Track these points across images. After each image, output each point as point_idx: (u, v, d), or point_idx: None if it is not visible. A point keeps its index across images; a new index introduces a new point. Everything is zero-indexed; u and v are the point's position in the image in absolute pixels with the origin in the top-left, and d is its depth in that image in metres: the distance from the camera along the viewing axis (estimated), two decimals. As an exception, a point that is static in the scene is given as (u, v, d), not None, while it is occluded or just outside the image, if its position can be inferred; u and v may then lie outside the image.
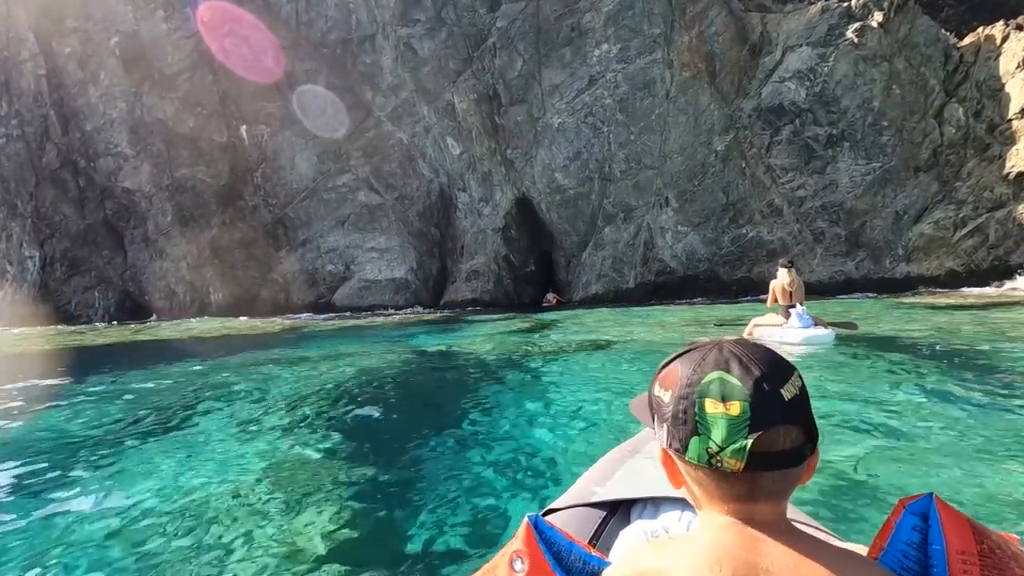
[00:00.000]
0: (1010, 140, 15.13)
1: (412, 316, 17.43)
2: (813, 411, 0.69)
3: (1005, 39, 15.53)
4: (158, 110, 21.04)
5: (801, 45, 16.92)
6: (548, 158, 19.12)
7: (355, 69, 21.32)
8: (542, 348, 8.22)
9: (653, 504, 1.26)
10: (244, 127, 21.25)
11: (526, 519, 0.75)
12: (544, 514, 1.23)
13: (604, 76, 18.53)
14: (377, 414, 5.18)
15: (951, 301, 12.48)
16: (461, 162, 20.08)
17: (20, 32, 21.03)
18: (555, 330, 10.78)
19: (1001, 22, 15.93)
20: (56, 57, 21.47)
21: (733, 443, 0.64)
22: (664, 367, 0.73)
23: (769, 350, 0.71)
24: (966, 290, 14.71)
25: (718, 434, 0.65)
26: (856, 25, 16.19)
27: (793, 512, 1.10)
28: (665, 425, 0.70)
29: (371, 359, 8.14)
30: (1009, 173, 15.04)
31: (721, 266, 17.84)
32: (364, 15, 21.17)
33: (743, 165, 17.68)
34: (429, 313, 18.24)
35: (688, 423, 0.67)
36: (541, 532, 0.74)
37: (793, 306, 7.33)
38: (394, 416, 5.22)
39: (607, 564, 0.75)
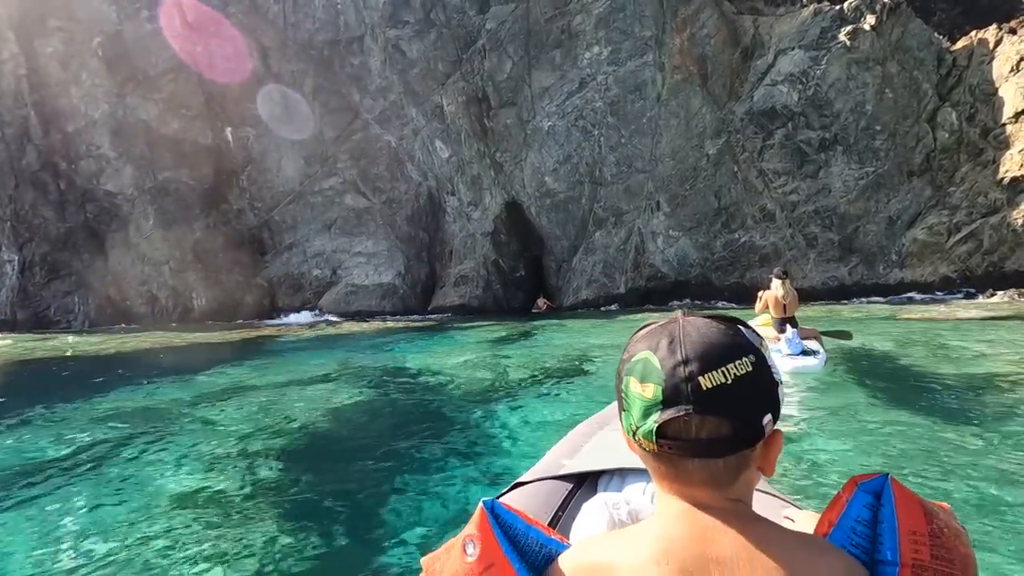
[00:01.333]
0: (1004, 145, 14.94)
1: (393, 324, 17.03)
2: (776, 402, 0.66)
3: (998, 43, 15.37)
4: (141, 111, 20.63)
5: (793, 48, 16.73)
6: (538, 161, 18.83)
7: (343, 71, 21.01)
8: (517, 362, 7.88)
9: (620, 475, 1.27)
10: (229, 129, 20.87)
11: (480, 503, 0.75)
12: (512, 487, 1.23)
13: (595, 79, 18.29)
14: (325, 439, 4.83)
15: (940, 316, 12.24)
16: (450, 165, 19.77)
17: (1, 31, 20.60)
18: (536, 340, 10.44)
19: (994, 26, 15.79)
20: (37, 57, 21.02)
21: (644, 424, 0.66)
22: (631, 336, 0.73)
23: (722, 330, 0.67)
24: (964, 302, 14.45)
25: (635, 413, 0.67)
26: (848, 28, 16.01)
27: (761, 486, 1.08)
28: (616, 390, 0.72)
29: (337, 373, 7.78)
30: (1003, 178, 14.85)
31: (713, 271, 17.57)
32: (352, 16, 20.87)
33: (735, 169, 17.45)
34: (414, 320, 17.86)
35: (619, 397, 0.69)
36: (497, 516, 0.74)
37: (788, 321, 6.85)
38: (345, 441, 4.87)
39: (565, 547, 0.74)
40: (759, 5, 18.56)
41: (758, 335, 0.70)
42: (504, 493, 1.23)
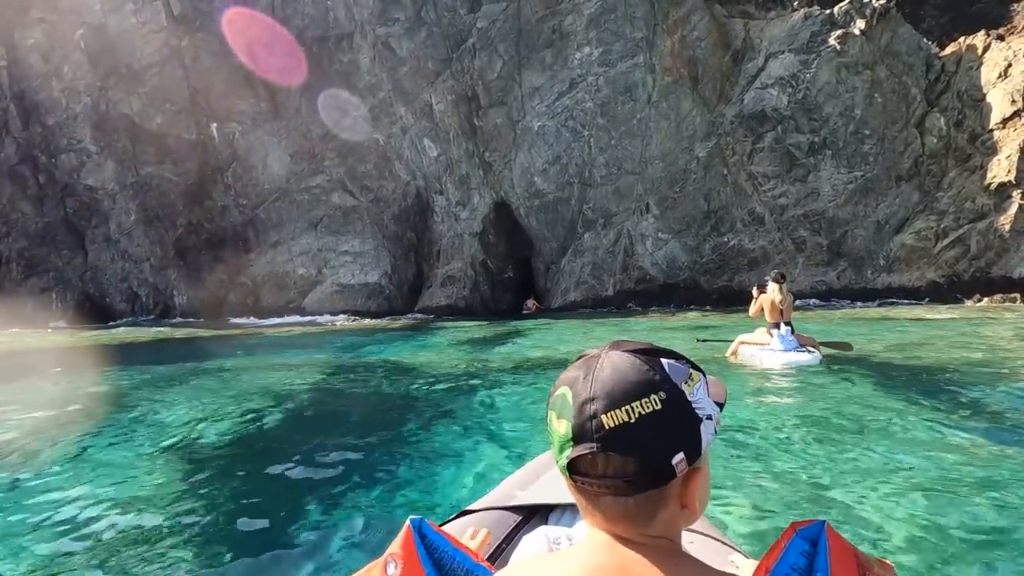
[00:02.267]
0: (992, 150, 14.97)
1: (373, 323, 16.74)
2: (693, 440, 0.64)
3: (986, 49, 15.43)
4: (124, 105, 20.26)
5: (784, 52, 16.71)
6: (527, 162, 18.67)
7: (331, 68, 20.75)
8: (494, 367, 7.67)
9: (571, 511, 1.24)
10: (215, 125, 20.54)
11: (407, 522, 0.72)
12: (459, 515, 1.20)
13: (585, 79, 18.17)
14: (260, 446, 4.59)
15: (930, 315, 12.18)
16: (438, 164, 19.56)
17: (-20, 22, 20.19)
18: (517, 344, 10.23)
19: (982, 32, 15.85)
20: (18, 48, 20.62)
21: (559, 459, 0.67)
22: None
23: (633, 367, 0.65)
24: (945, 307, 14.43)
25: (555, 448, 0.68)
26: (839, 32, 16.01)
27: (702, 524, 1.07)
28: None
29: (303, 373, 7.53)
30: (990, 183, 14.87)
31: (702, 274, 17.47)
32: (342, 13, 20.64)
33: (725, 172, 17.38)
34: (398, 320, 17.58)
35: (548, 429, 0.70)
36: (424, 536, 0.72)
37: (781, 324, 6.61)
38: (281, 448, 4.61)
39: (491, 575, 0.72)
40: (750, 8, 18.54)
41: (688, 370, 0.68)
42: (449, 520, 1.19)
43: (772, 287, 6.76)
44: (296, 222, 20.47)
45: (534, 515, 1.24)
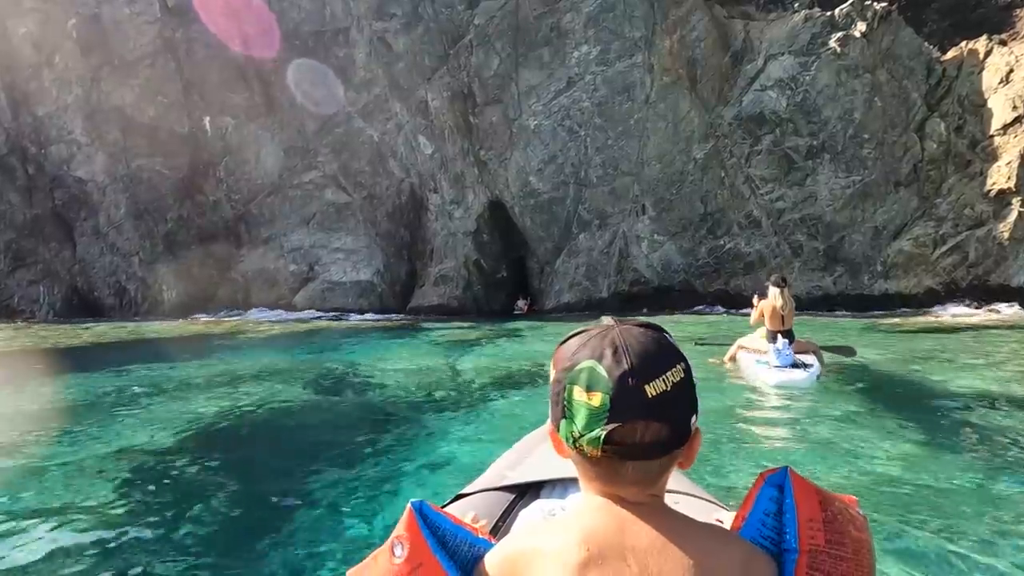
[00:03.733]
0: (992, 157, 14.79)
1: (361, 322, 16.47)
2: (697, 402, 0.70)
3: (988, 54, 15.24)
4: (116, 97, 20.01)
5: (783, 53, 16.51)
6: (523, 161, 18.45)
7: (326, 62, 20.50)
8: (482, 366, 7.45)
9: (562, 485, 1.27)
10: (207, 118, 20.29)
11: (409, 505, 0.75)
12: (454, 499, 1.21)
13: (583, 78, 17.96)
14: (247, 441, 4.38)
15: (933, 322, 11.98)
16: (433, 162, 19.33)
17: (-29, 10, 19.92)
18: (507, 345, 10.01)
19: (984, 37, 15.67)
20: (10, 37, 20.35)
21: (590, 431, 0.67)
22: (561, 344, 0.73)
23: (657, 339, 0.70)
24: (950, 310, 14.21)
25: (580, 421, 0.68)
26: (839, 35, 15.82)
27: (682, 483, 1.13)
28: (550, 401, 0.73)
29: (282, 372, 7.30)
30: (990, 190, 14.69)
31: (697, 278, 17.27)
32: (339, 7, 20.41)
33: (722, 174, 17.18)
34: (388, 320, 17.32)
35: (559, 405, 0.70)
36: (425, 517, 0.74)
37: (785, 333, 6.15)
38: (268, 446, 4.41)
39: (493, 546, 0.75)
40: (750, 9, 18.35)
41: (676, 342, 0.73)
42: (445, 505, 1.19)
43: (773, 291, 6.35)
44: (288, 218, 20.24)
45: (527, 492, 1.26)
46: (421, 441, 4.26)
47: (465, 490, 1.27)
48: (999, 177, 14.56)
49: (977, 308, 14.18)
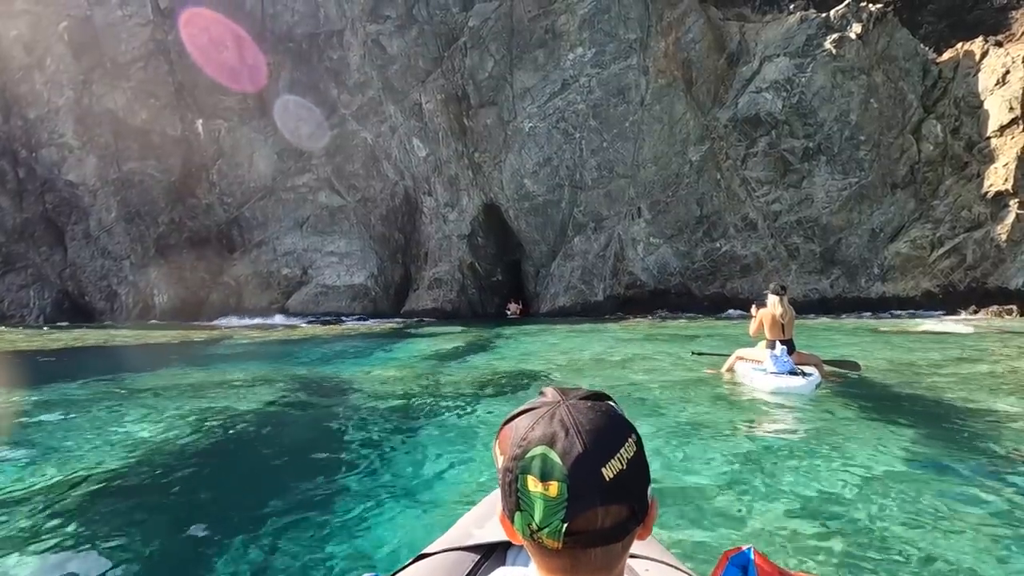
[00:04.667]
0: (988, 158, 14.68)
1: (353, 327, 16.21)
2: (649, 471, 0.68)
3: (984, 55, 15.16)
4: (108, 100, 19.87)
5: (779, 55, 16.42)
6: (517, 163, 18.32)
7: (321, 65, 20.42)
8: (468, 378, 7.27)
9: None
10: (200, 121, 20.17)
11: None
12: (416, 559, 1.15)
13: (578, 80, 17.85)
14: (198, 465, 4.20)
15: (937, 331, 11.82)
16: (427, 164, 19.20)
17: (-38, 12, 19.78)
18: (498, 353, 9.82)
19: (980, 38, 15.59)
20: (1, 40, 20.21)
21: (549, 524, 0.63)
22: (506, 423, 0.69)
23: (606, 413, 0.67)
24: (948, 317, 14.09)
25: (537, 513, 0.63)
26: (834, 36, 15.73)
27: (651, 547, 1.11)
28: (501, 490, 0.68)
29: (258, 381, 7.12)
30: (987, 192, 14.58)
31: (693, 280, 17.13)
32: (333, 10, 20.33)
33: (718, 177, 17.06)
34: (379, 324, 17.11)
35: (513, 496, 0.65)
36: None
37: (785, 344, 5.92)
38: (221, 470, 4.24)
39: None
40: (746, 11, 18.28)
41: (622, 409, 0.70)
42: (406, 566, 1.15)
43: (772, 300, 6.07)
44: (281, 221, 20.08)
45: (493, 553, 1.21)
46: (399, 461, 4.07)
47: (428, 548, 1.22)
48: (996, 179, 14.45)
49: (973, 314, 14.03)
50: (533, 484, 0.63)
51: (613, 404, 0.69)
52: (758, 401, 5.27)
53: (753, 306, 6.34)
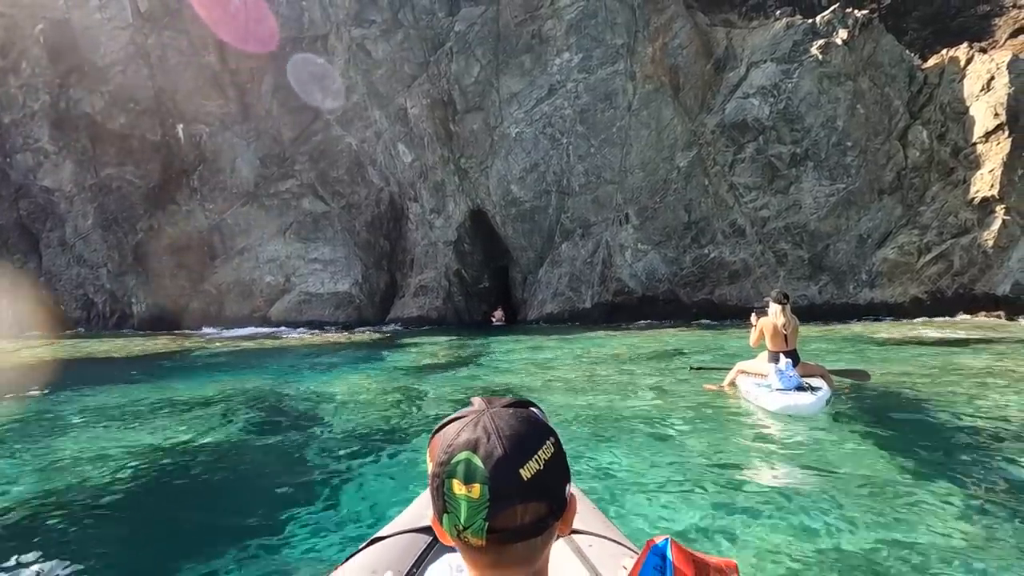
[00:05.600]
0: (975, 164, 14.69)
1: (327, 339, 15.80)
2: (569, 470, 0.73)
3: (969, 61, 15.19)
4: (85, 104, 19.42)
5: (766, 61, 16.37)
6: (504, 169, 18.11)
7: (304, 71, 20.09)
8: (444, 388, 7.01)
9: None
10: (181, 126, 19.76)
11: None
12: (370, 542, 1.20)
13: (564, 86, 17.70)
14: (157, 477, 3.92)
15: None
16: (412, 170, 18.93)
17: (-65, 14, 19.29)
18: (479, 362, 9.56)
19: (965, 44, 15.64)
20: (-26, 43, 19.72)
21: (474, 523, 0.68)
22: (436, 432, 0.74)
23: (527, 418, 0.72)
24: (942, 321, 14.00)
25: (462, 514, 0.69)
26: (820, 42, 15.71)
27: (596, 522, 1.16)
28: (431, 494, 0.73)
29: (225, 394, 6.82)
30: (974, 198, 14.57)
31: (682, 287, 16.97)
32: (317, 14, 20.04)
33: (706, 183, 16.95)
34: (363, 333, 16.76)
35: (440, 499, 0.71)
36: None
37: (789, 355, 5.57)
38: (188, 479, 3.96)
39: None
40: (732, 17, 18.26)
41: (543, 412, 0.76)
42: (360, 549, 1.16)
43: (773, 308, 5.73)
44: (264, 228, 19.70)
45: None
46: (366, 474, 3.82)
47: (382, 532, 1.23)
48: (982, 185, 14.45)
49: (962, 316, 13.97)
50: (458, 487, 0.68)
51: (535, 410, 0.75)
52: (761, 424, 4.95)
53: (753, 315, 6.03)
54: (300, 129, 19.81)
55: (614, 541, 1.13)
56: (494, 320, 18.70)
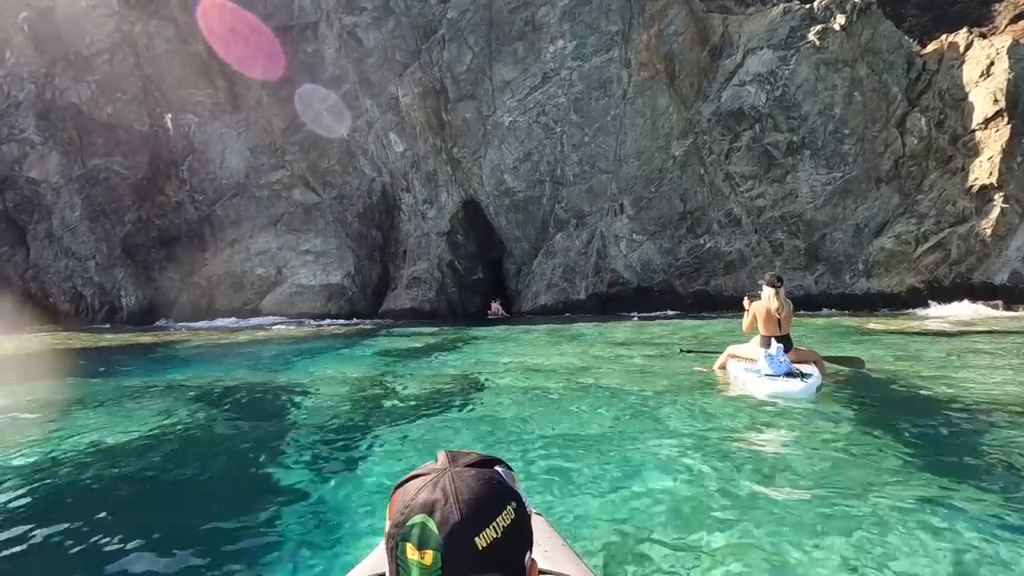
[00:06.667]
0: (973, 152, 14.49)
1: (326, 328, 15.66)
2: (531, 536, 0.70)
3: (968, 47, 14.96)
4: (72, 94, 19.10)
5: (762, 47, 16.11)
6: (497, 158, 17.86)
7: (295, 58, 19.76)
8: (425, 386, 6.82)
9: None
10: (169, 115, 19.46)
11: None
12: None
13: (558, 74, 17.43)
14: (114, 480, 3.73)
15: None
16: (405, 160, 18.67)
17: (-84, 2, 18.91)
18: (468, 356, 9.38)
19: (964, 30, 15.39)
20: (-43, 32, 19.35)
21: None
22: (398, 487, 0.72)
23: (489, 481, 0.69)
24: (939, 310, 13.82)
25: None
26: (818, 27, 15.45)
27: (567, 562, 1.10)
28: (386, 555, 0.70)
29: (194, 391, 6.63)
30: (972, 186, 14.38)
31: (677, 278, 16.79)
32: (308, 1, 19.69)
33: (701, 172, 16.73)
34: (353, 325, 16.56)
35: (394, 563, 0.68)
36: None
37: (781, 340, 5.43)
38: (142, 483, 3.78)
39: None
40: (729, 3, 17.97)
41: (511, 472, 0.72)
42: None
43: (767, 292, 5.57)
44: (255, 219, 19.45)
45: None
46: (342, 478, 3.63)
47: (352, 573, 1.18)
48: (981, 172, 14.26)
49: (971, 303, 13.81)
50: (411, 552, 0.65)
51: (500, 470, 0.71)
52: (748, 409, 4.80)
53: (746, 299, 5.86)
54: (291, 119, 19.50)
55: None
56: (490, 313, 18.49)
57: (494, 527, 0.65)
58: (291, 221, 19.36)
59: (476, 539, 0.64)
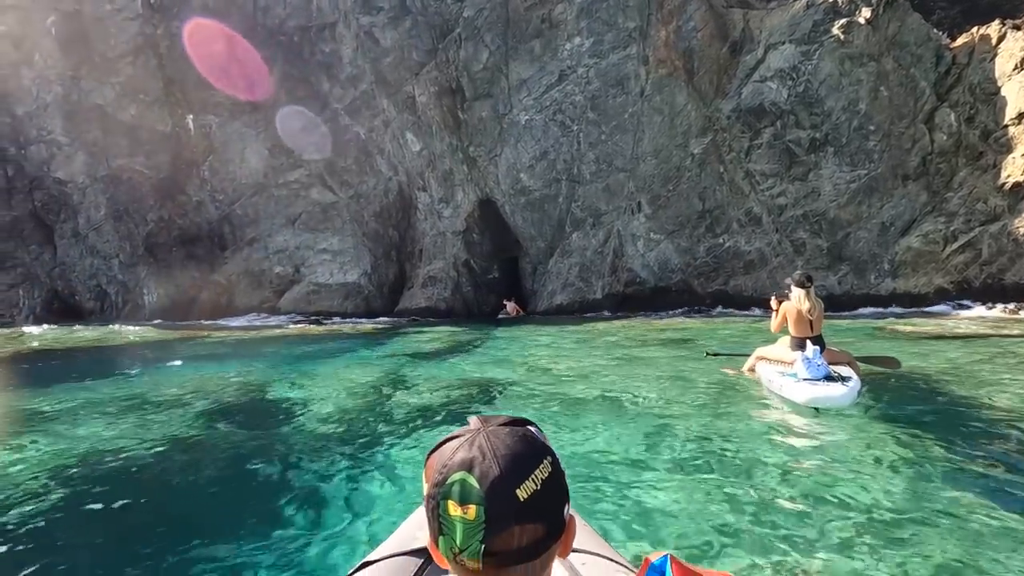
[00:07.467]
0: (1006, 148, 13.97)
1: (334, 328, 15.67)
2: (568, 490, 0.71)
3: (1001, 39, 14.43)
4: (97, 95, 19.51)
5: (784, 42, 15.74)
6: (513, 157, 17.77)
7: (312, 58, 19.96)
8: (439, 386, 6.77)
9: None
10: (190, 116, 19.77)
11: None
12: (360, 567, 1.15)
13: (575, 71, 17.28)
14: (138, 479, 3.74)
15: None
16: (421, 159, 18.69)
17: (-51, 8, 19.48)
18: (481, 356, 9.30)
19: (997, 21, 14.85)
20: (-12, 36, 19.89)
21: (470, 546, 0.67)
22: (432, 452, 0.73)
23: (523, 437, 0.70)
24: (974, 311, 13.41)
25: (458, 536, 0.67)
26: (842, 21, 15.04)
27: (590, 540, 1.11)
28: (426, 516, 0.71)
29: (212, 388, 6.66)
30: (1004, 183, 13.87)
31: (695, 278, 16.52)
32: (325, 2, 19.86)
33: (721, 170, 16.43)
34: (370, 323, 16.60)
35: (436, 521, 0.69)
36: None
37: (814, 341, 5.21)
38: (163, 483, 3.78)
39: None
40: (749, -2, 17.59)
41: (542, 432, 0.74)
42: (350, 574, 1.10)
43: (796, 293, 5.38)
44: (273, 218, 19.65)
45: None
46: (361, 478, 3.59)
47: (372, 555, 1.19)
48: (1014, 169, 13.74)
49: (991, 308, 13.36)
50: (453, 508, 0.67)
51: (532, 429, 0.73)
52: (784, 415, 4.57)
53: (773, 299, 5.68)
54: (309, 118, 19.65)
55: (609, 559, 1.10)
56: (502, 313, 18.36)
57: (533, 479, 0.66)
58: (309, 220, 19.52)
59: (517, 491, 0.65)
